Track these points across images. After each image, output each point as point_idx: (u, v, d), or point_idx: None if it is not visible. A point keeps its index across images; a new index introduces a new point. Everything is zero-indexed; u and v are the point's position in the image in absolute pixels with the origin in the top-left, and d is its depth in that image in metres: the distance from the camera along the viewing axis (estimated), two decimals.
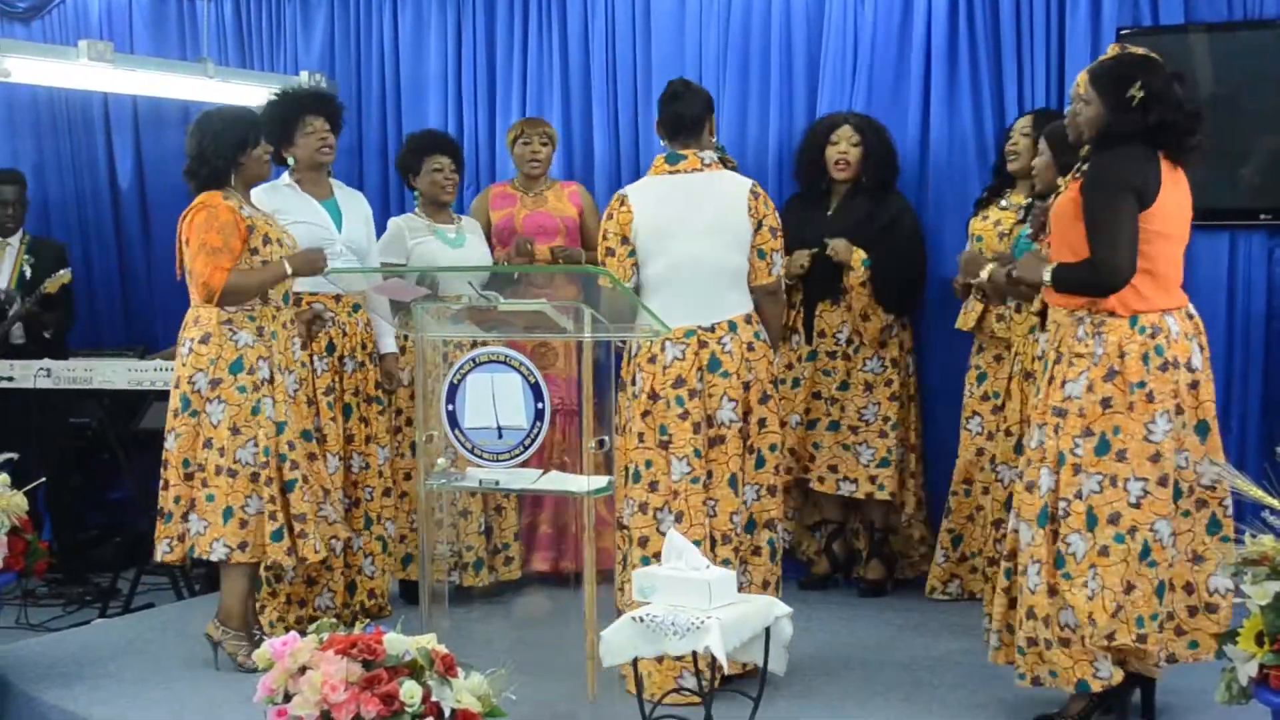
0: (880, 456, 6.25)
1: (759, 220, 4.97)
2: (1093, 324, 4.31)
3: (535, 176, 6.59)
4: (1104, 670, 4.29)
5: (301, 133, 5.82)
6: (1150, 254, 4.26)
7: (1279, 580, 3.40)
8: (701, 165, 5.02)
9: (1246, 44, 5.99)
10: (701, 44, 6.98)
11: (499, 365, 4.38)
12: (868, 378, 6.26)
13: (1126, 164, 4.27)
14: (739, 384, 4.91)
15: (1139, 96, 4.22)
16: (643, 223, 5.01)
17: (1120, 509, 4.24)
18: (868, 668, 5.30)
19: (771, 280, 5.02)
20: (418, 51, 7.66)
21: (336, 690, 3.46)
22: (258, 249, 5.23)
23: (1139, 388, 4.24)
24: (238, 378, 5.18)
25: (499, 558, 6.34)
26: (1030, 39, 6.31)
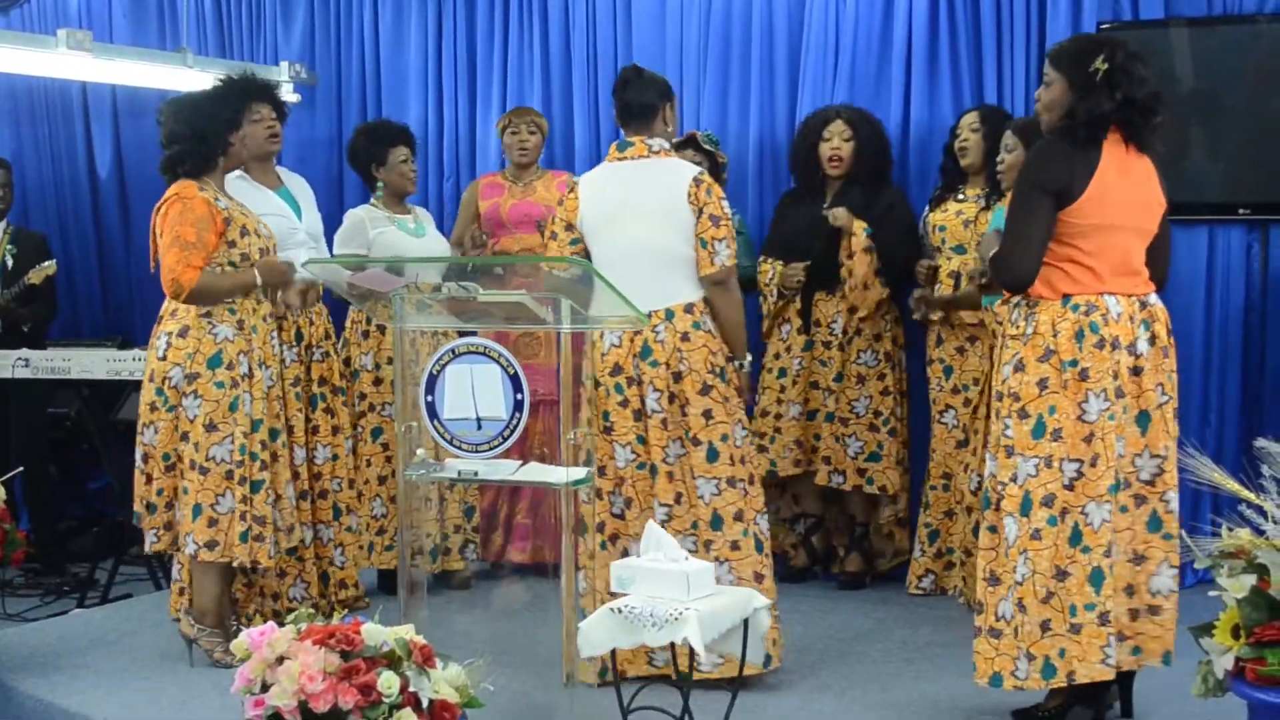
0: (870, 450, 6.24)
1: (699, 208, 4.91)
2: (1026, 306, 4.30)
3: (525, 165, 6.58)
4: (1021, 670, 4.22)
5: (248, 120, 5.59)
6: (1088, 245, 4.22)
7: (1255, 573, 3.40)
8: (649, 152, 5.00)
9: (1226, 38, 6.02)
10: (683, 35, 6.99)
11: (478, 356, 4.37)
12: (861, 370, 6.26)
13: (1045, 163, 4.25)
14: (668, 374, 4.88)
15: (1102, 69, 4.18)
16: (588, 208, 5.02)
17: (1054, 490, 4.19)
18: (846, 659, 5.31)
19: (715, 270, 4.93)
20: (398, 42, 7.65)
21: (314, 680, 3.46)
22: (235, 241, 5.18)
23: (1071, 365, 4.18)
24: (215, 373, 5.13)
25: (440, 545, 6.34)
26: (1010, 34, 6.33)
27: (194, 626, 5.27)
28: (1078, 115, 4.23)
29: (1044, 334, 4.22)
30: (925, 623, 5.76)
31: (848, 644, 5.52)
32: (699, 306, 4.95)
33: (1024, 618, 4.20)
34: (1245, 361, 6.03)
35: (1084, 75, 4.22)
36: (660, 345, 4.89)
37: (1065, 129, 4.25)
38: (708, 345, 4.94)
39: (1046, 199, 4.20)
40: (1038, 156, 4.31)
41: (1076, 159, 4.22)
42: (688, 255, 4.94)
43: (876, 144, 6.30)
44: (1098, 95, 4.20)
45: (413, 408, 4.52)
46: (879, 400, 6.25)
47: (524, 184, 6.56)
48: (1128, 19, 6.10)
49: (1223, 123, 5.94)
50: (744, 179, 6.84)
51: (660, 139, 5.05)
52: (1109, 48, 4.24)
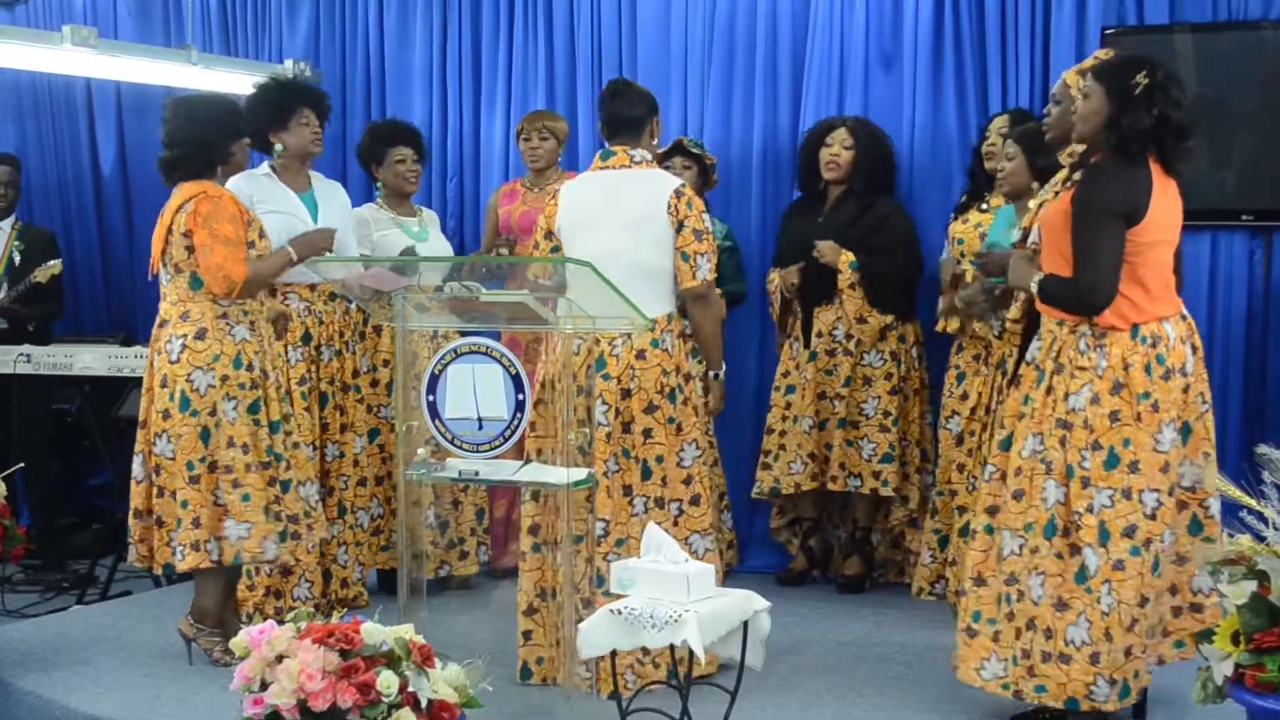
0: (882, 451, 6.23)
1: (680, 221, 4.90)
2: (1094, 336, 4.29)
3: (539, 170, 6.57)
4: (1100, 693, 4.24)
5: (297, 122, 5.80)
6: (1143, 264, 4.27)
7: (1255, 580, 3.40)
8: (630, 162, 5.00)
9: (1230, 44, 6.01)
10: (687, 41, 6.98)
11: (480, 356, 4.37)
12: (867, 372, 6.25)
13: (1116, 185, 4.26)
14: (617, 389, 4.87)
15: (1143, 84, 4.21)
16: (566, 216, 5.03)
17: (1136, 521, 4.22)
18: (845, 663, 5.31)
19: (696, 284, 4.93)
20: (403, 42, 7.65)
21: (313, 679, 3.47)
22: (254, 242, 5.19)
23: (1144, 399, 4.23)
24: (239, 373, 5.11)
25: (454, 552, 6.33)
26: (1015, 39, 6.33)
27: (193, 626, 5.26)
28: (1120, 128, 4.25)
29: (1115, 367, 4.25)
30: (924, 627, 5.75)
31: (846, 647, 5.52)
32: (661, 324, 4.92)
33: (1109, 645, 4.23)
34: (1247, 368, 6.02)
35: (1124, 89, 4.24)
36: (614, 359, 4.88)
37: (1119, 147, 4.26)
38: (662, 364, 4.91)
39: (1118, 221, 4.22)
40: (1102, 179, 4.28)
41: (1138, 178, 4.26)
42: (662, 267, 4.93)
43: (875, 156, 6.29)
44: (1137, 110, 4.23)
45: (413, 408, 4.53)
46: (887, 400, 6.24)
47: (538, 190, 6.54)
48: (1133, 24, 6.10)
49: (1227, 129, 5.93)
50: (747, 187, 6.84)
51: (644, 150, 5.05)
52: (1150, 66, 4.28)
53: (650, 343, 4.89)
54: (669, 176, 5.06)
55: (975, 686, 4.48)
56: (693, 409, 5.00)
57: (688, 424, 4.96)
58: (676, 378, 4.95)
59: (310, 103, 5.90)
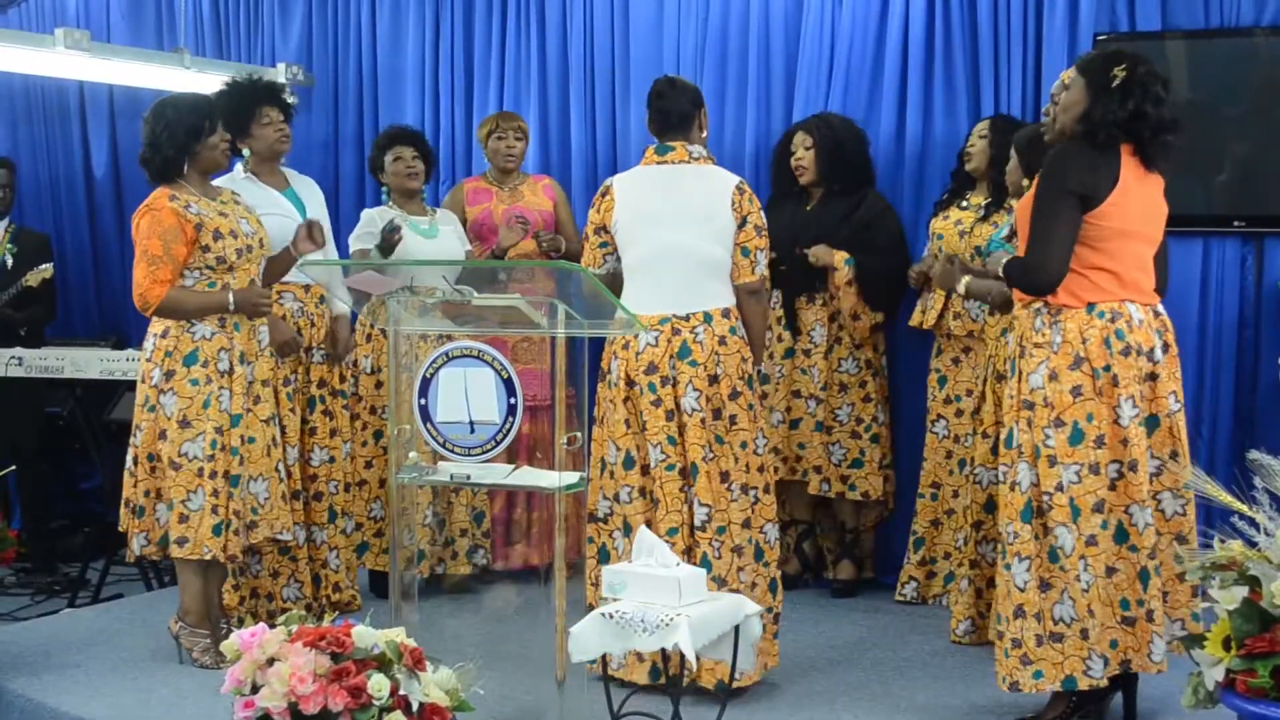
0: (853, 457, 6.25)
1: (743, 216, 4.95)
2: (1049, 314, 4.33)
3: (510, 170, 6.59)
4: (1095, 668, 4.29)
5: (258, 123, 5.76)
6: (1110, 251, 4.29)
7: (1246, 585, 3.41)
8: (689, 158, 5.03)
9: (1222, 51, 6.01)
10: (679, 42, 6.99)
11: (472, 360, 4.37)
12: (843, 378, 6.27)
13: (1073, 165, 4.30)
14: (705, 375, 4.89)
15: (1120, 77, 4.25)
16: (624, 210, 5.02)
17: (1103, 495, 4.27)
18: (836, 668, 5.31)
19: (754, 279, 4.99)
20: (395, 44, 7.65)
21: (304, 682, 3.46)
22: (209, 245, 5.16)
23: (1105, 371, 4.26)
24: (191, 370, 5.13)
25: (447, 551, 6.34)
26: (1007, 43, 6.32)
27: (177, 624, 5.27)
28: (1093, 118, 4.29)
29: (1073, 342, 4.28)
30: (915, 631, 5.76)
31: (838, 652, 5.52)
32: (734, 312, 4.99)
33: (1094, 621, 4.27)
34: (1238, 374, 6.02)
35: (1102, 81, 4.29)
36: (699, 346, 4.90)
37: (1086, 133, 4.31)
38: (740, 351, 4.97)
39: (1072, 201, 4.26)
40: (1062, 159, 4.34)
41: (1100, 163, 4.30)
42: (724, 261, 4.96)
43: (838, 146, 6.27)
44: (1112, 101, 4.27)
45: (406, 411, 4.53)
46: (861, 407, 6.27)
47: (510, 188, 6.56)
48: (1125, 30, 6.11)
49: (1218, 135, 5.93)
50: None
51: (699, 145, 5.08)
52: (1132, 61, 4.33)
53: (729, 330, 4.93)
54: (728, 172, 5.08)
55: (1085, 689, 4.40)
56: (759, 397, 5.06)
57: (758, 411, 5.03)
58: (750, 366, 5.01)
59: (270, 100, 5.86)
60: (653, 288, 4.90)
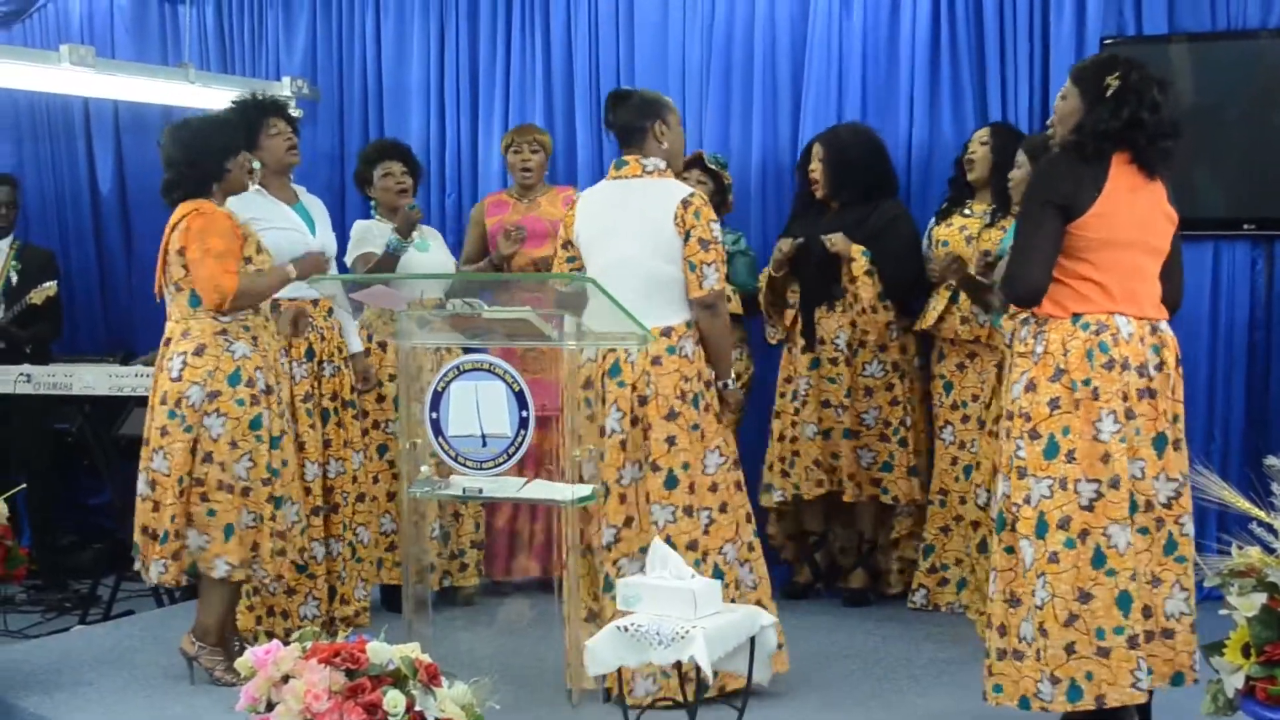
0: (882, 460, 6.22)
1: (687, 230, 4.88)
2: (1035, 324, 4.28)
3: (529, 185, 6.57)
4: (1045, 692, 4.15)
5: (267, 135, 5.76)
6: (1096, 262, 4.20)
7: (1265, 592, 3.39)
8: (643, 171, 5.00)
9: (1229, 54, 6.02)
10: (685, 53, 6.99)
11: (483, 373, 4.36)
12: (868, 383, 6.22)
13: (1055, 176, 4.24)
14: (632, 395, 4.85)
15: (1114, 86, 4.20)
16: (583, 225, 5.03)
17: (1070, 513, 4.13)
18: (850, 677, 5.29)
19: (703, 293, 4.90)
20: (400, 58, 7.65)
21: (320, 699, 3.44)
22: (251, 258, 5.18)
23: (1084, 385, 4.15)
24: (236, 390, 5.10)
25: (455, 564, 6.33)
26: (1014, 48, 6.34)
27: (195, 645, 5.24)
28: (1084, 128, 4.23)
29: (1054, 353, 4.19)
30: (928, 640, 5.74)
31: (852, 661, 5.50)
32: (678, 330, 4.90)
33: (1046, 641, 4.14)
34: (1250, 377, 6.02)
35: (1096, 90, 4.23)
36: (629, 366, 4.87)
37: (1074, 143, 4.25)
38: (680, 370, 4.89)
39: (1052, 211, 4.19)
40: (1044, 170, 4.32)
41: (1084, 173, 4.21)
42: (673, 277, 4.91)
43: (852, 159, 6.25)
44: (1105, 110, 4.20)
45: (416, 425, 4.52)
46: (888, 410, 6.23)
47: (529, 201, 6.55)
48: (1131, 34, 6.11)
49: (1227, 138, 5.94)
50: (746, 197, 6.82)
51: (656, 159, 5.03)
52: (1125, 67, 4.25)
53: (667, 349, 4.87)
54: (679, 186, 5.03)
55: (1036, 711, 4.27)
56: (715, 415, 4.99)
57: (710, 430, 4.94)
58: (698, 384, 4.93)
59: (277, 112, 5.88)
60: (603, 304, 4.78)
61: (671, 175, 5.08)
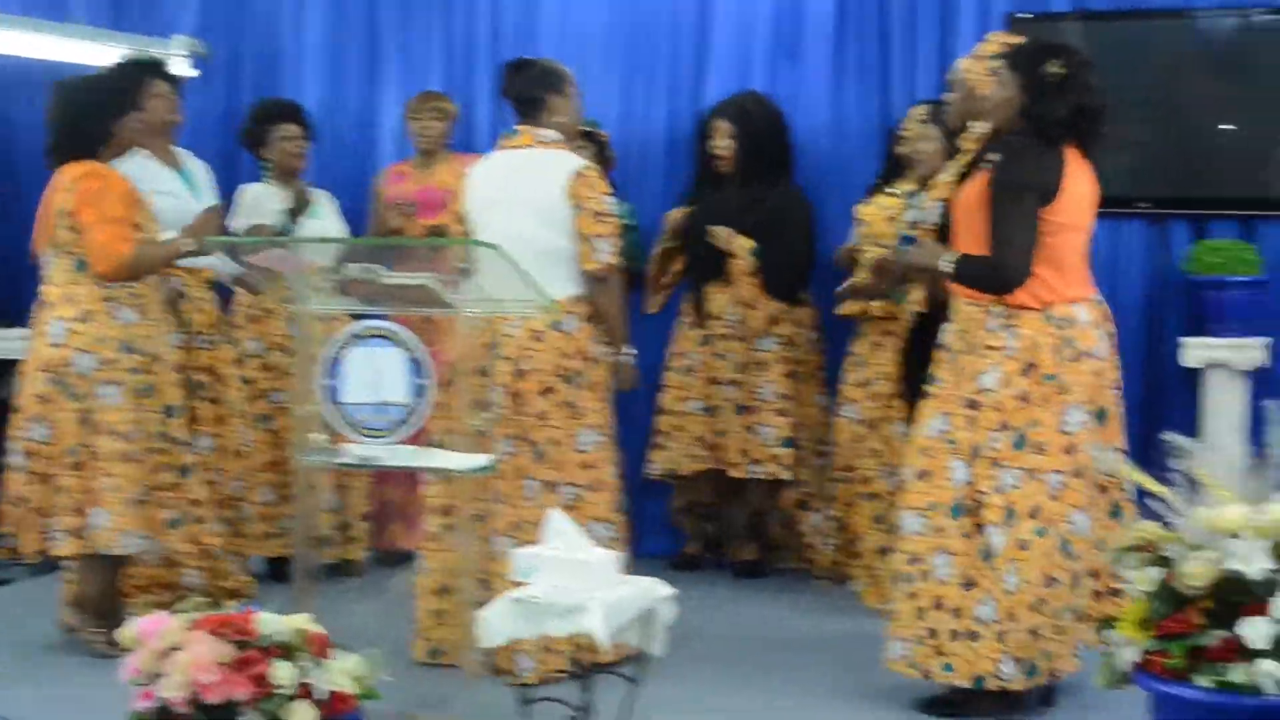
0: (782, 435, 6.19)
1: (579, 203, 4.85)
2: (1005, 316, 4.31)
3: (428, 151, 6.50)
4: (1006, 671, 4.28)
5: (149, 95, 5.53)
6: (1055, 245, 4.30)
7: (1161, 566, 3.41)
8: (535, 142, 4.95)
9: (1130, 32, 6.09)
10: (587, 19, 6.92)
11: (381, 339, 4.28)
12: (762, 356, 6.21)
13: (1032, 163, 4.30)
14: (511, 370, 4.82)
15: (1057, 75, 4.24)
16: (473, 197, 4.99)
17: (1040, 502, 4.27)
18: (746, 648, 5.30)
19: (596, 266, 4.88)
20: (297, 19, 7.48)
21: (207, 671, 3.35)
22: (141, 224, 5.07)
23: (1050, 380, 4.27)
24: (126, 357, 5.00)
25: (343, 535, 6.25)
26: (919, 23, 6.34)
27: (76, 616, 5.13)
28: (1038, 117, 4.29)
29: (1027, 348, 4.28)
30: (825, 611, 5.77)
31: (746, 633, 5.51)
32: (562, 305, 4.85)
33: (1013, 625, 4.27)
34: (1142, 357, 6.07)
35: (1037, 78, 4.27)
36: (509, 340, 4.82)
37: (1036, 130, 4.30)
38: (560, 347, 4.86)
39: (1032, 197, 4.26)
40: (1018, 157, 4.32)
41: (1054, 159, 4.30)
42: (564, 250, 4.87)
43: (760, 137, 6.24)
44: (1050, 99, 4.27)
45: (310, 392, 4.43)
46: (783, 384, 6.22)
47: (428, 169, 6.47)
48: (1037, 11, 6.14)
49: (1124, 117, 5.95)
50: (648, 171, 6.79)
51: (551, 130, 4.98)
52: (1064, 54, 4.32)
53: (550, 324, 4.83)
54: (572, 158, 4.98)
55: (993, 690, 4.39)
56: (594, 394, 4.94)
57: (586, 408, 4.90)
58: (578, 361, 4.89)
59: (158, 73, 5.71)
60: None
61: (565, 147, 5.02)
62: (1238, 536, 3.28)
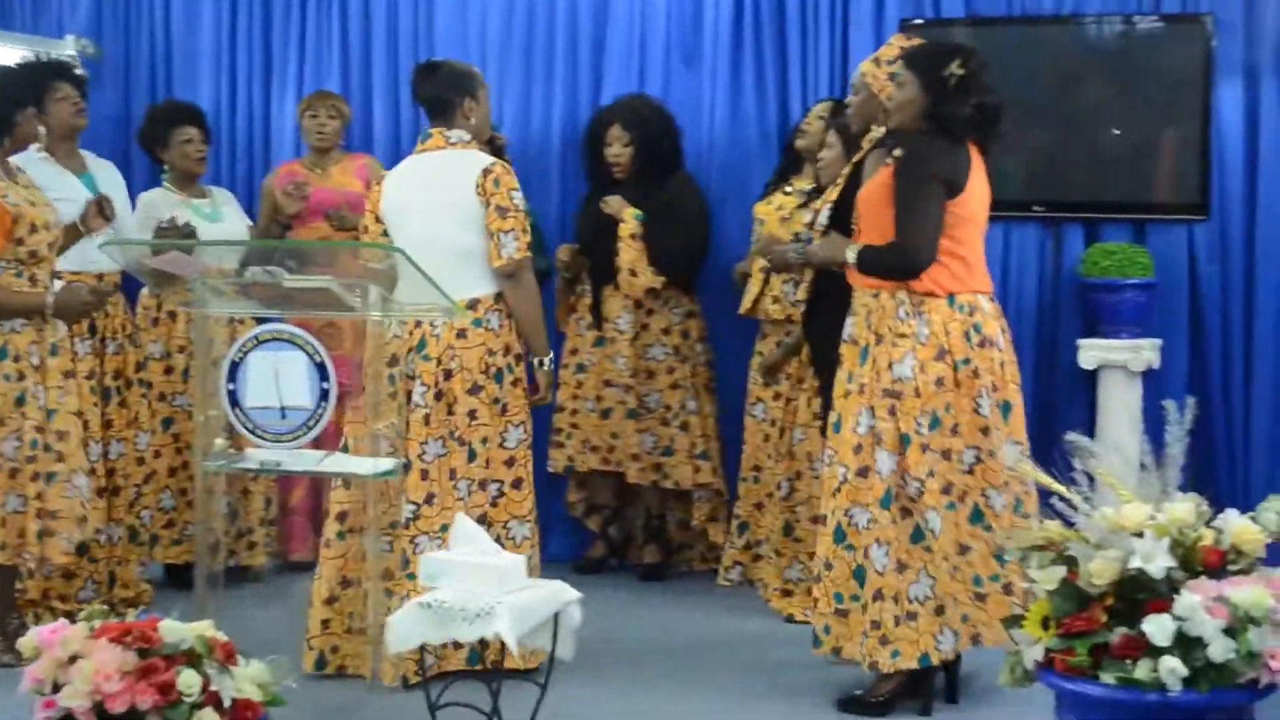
0: (664, 445, 6.23)
1: (487, 199, 4.84)
2: (912, 304, 4.38)
3: (322, 150, 6.45)
4: (946, 644, 4.40)
5: (53, 98, 5.52)
6: (960, 238, 4.40)
7: (1065, 565, 3.45)
8: (446, 144, 4.94)
9: (1023, 38, 6.18)
10: (485, 23, 6.91)
11: (283, 343, 4.25)
12: (651, 366, 6.25)
13: (938, 153, 4.38)
14: (438, 370, 4.79)
15: (957, 75, 4.32)
16: (389, 202, 4.96)
17: (952, 479, 4.37)
18: (654, 652, 5.30)
19: (503, 262, 4.85)
20: (191, 20, 7.39)
21: (110, 680, 3.30)
22: (23, 239, 4.97)
23: (964, 364, 4.37)
24: (3, 365, 4.92)
25: (242, 542, 6.16)
26: (815, 28, 6.38)
27: None
28: (941, 116, 4.37)
29: (937, 334, 4.36)
30: (729, 613, 5.78)
31: (654, 635, 5.51)
32: (484, 303, 4.85)
33: (948, 598, 4.40)
34: (1037, 358, 6.15)
35: (938, 79, 4.36)
36: (435, 340, 4.80)
37: (940, 129, 4.38)
38: (486, 344, 4.84)
39: (939, 188, 4.35)
40: (924, 149, 4.39)
41: (957, 153, 4.40)
42: (480, 248, 4.86)
43: (657, 141, 6.27)
44: (953, 100, 4.36)
45: (211, 396, 4.38)
46: (669, 394, 6.25)
47: (321, 170, 6.41)
48: (930, 17, 6.20)
49: (1018, 122, 6.00)
50: (547, 172, 6.78)
51: (461, 131, 4.97)
52: (963, 55, 4.41)
53: (473, 322, 4.81)
54: (481, 156, 4.97)
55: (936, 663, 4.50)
56: (521, 390, 4.94)
57: (514, 405, 4.89)
58: (504, 358, 4.87)
59: (64, 76, 5.65)
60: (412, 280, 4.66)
61: (475, 147, 5.01)
62: (1140, 535, 3.32)
